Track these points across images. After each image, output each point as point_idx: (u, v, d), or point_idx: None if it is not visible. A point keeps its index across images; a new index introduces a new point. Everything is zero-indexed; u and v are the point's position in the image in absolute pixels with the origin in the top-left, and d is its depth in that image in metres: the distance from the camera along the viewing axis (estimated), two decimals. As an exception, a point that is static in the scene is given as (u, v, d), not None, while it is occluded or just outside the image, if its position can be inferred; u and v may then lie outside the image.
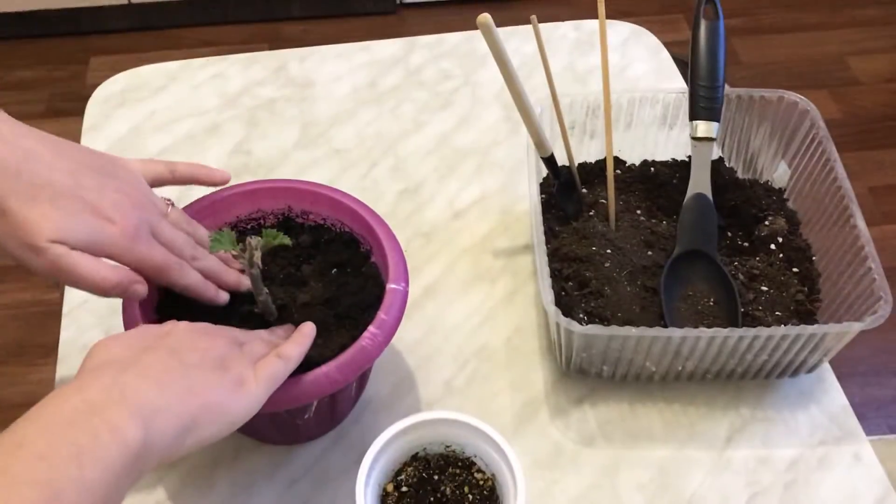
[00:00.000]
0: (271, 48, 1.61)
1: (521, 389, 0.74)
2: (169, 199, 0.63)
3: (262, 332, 0.60)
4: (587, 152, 0.85)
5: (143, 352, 0.50)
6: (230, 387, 0.51)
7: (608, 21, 0.84)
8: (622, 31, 1.07)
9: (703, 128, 0.77)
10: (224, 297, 0.63)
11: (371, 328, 0.60)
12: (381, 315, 0.61)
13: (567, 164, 0.80)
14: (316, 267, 0.69)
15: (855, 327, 0.65)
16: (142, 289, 0.57)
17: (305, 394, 0.57)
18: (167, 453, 0.47)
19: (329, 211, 0.70)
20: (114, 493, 0.43)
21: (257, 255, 0.58)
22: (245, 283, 0.64)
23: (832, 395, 0.73)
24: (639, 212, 0.81)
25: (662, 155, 0.86)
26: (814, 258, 0.77)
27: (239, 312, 0.64)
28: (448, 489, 0.61)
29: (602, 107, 0.79)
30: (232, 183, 0.71)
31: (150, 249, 0.57)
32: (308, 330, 0.59)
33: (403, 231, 0.85)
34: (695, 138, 0.77)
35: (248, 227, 0.71)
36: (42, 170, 0.53)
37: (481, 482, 0.62)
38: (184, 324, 0.55)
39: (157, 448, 0.46)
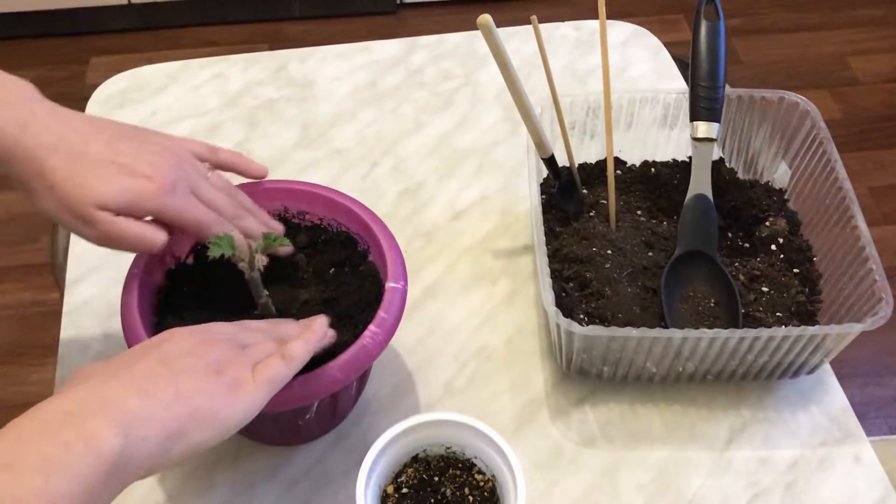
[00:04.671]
0: (272, 48, 1.61)
1: (522, 390, 0.74)
2: (210, 166, 0.65)
3: (278, 325, 0.58)
4: (587, 153, 0.85)
5: (130, 362, 0.49)
6: (223, 391, 0.49)
7: (608, 21, 0.84)
8: (622, 32, 1.07)
9: (704, 128, 0.77)
10: (263, 258, 0.64)
11: (371, 327, 0.60)
12: (382, 314, 0.61)
13: (567, 164, 0.80)
14: (314, 267, 0.69)
15: (856, 328, 0.65)
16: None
17: (307, 394, 0.57)
18: (152, 462, 0.45)
19: (325, 211, 0.70)
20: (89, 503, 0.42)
21: (258, 258, 0.58)
22: (285, 251, 0.66)
23: (833, 396, 0.73)
24: (639, 212, 0.81)
25: (663, 155, 0.86)
26: (814, 259, 0.77)
27: (239, 315, 0.64)
28: (448, 490, 0.61)
29: (602, 107, 0.79)
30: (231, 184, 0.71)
31: (189, 204, 0.59)
32: (318, 325, 0.57)
33: (404, 232, 0.85)
34: (695, 139, 0.77)
35: (247, 227, 0.71)
36: (78, 143, 0.56)
37: (482, 483, 0.62)
38: (181, 330, 0.53)
39: (140, 457, 0.44)
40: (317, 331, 0.57)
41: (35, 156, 0.55)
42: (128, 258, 0.65)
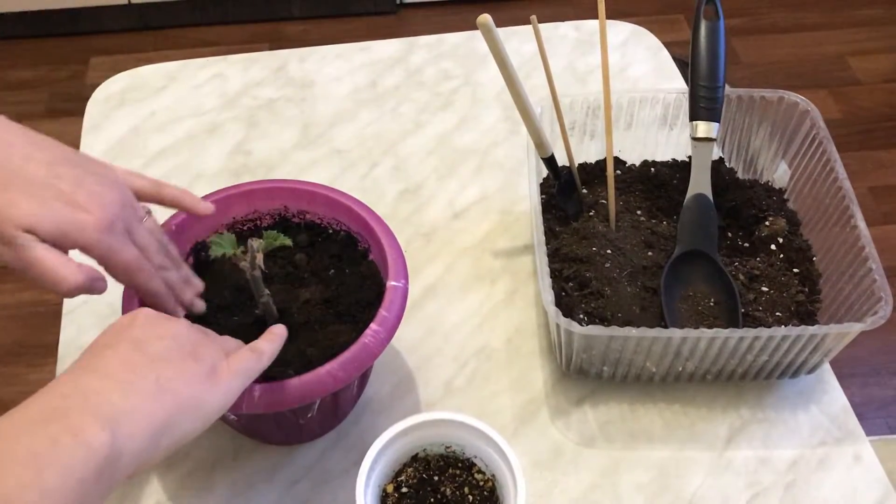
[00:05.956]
0: (271, 48, 1.61)
1: (522, 390, 0.74)
2: (147, 208, 0.60)
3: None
4: (587, 153, 0.85)
5: (104, 349, 0.48)
6: (203, 377, 0.49)
7: (608, 21, 0.84)
8: (622, 32, 1.07)
9: (704, 128, 0.77)
10: (181, 311, 0.61)
11: (373, 325, 0.60)
12: (383, 312, 0.61)
13: (567, 164, 0.80)
14: (314, 266, 0.69)
15: (855, 328, 0.65)
16: (102, 285, 0.53)
17: (310, 392, 0.57)
18: (143, 458, 0.44)
19: (326, 210, 0.70)
20: (81, 500, 0.40)
21: (259, 258, 0.58)
22: (200, 306, 0.63)
23: (832, 396, 0.73)
24: (639, 212, 0.81)
25: (663, 155, 0.86)
26: (814, 259, 0.77)
27: (241, 314, 0.64)
28: (448, 490, 0.61)
29: (602, 107, 0.79)
30: (231, 183, 0.71)
31: (122, 246, 0.54)
32: (280, 331, 0.58)
33: (403, 231, 0.85)
34: (695, 139, 0.77)
35: (245, 227, 0.71)
36: (17, 159, 0.51)
37: (481, 483, 0.62)
38: (144, 311, 0.52)
39: (130, 453, 0.43)
40: (279, 335, 0.57)
41: None
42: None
